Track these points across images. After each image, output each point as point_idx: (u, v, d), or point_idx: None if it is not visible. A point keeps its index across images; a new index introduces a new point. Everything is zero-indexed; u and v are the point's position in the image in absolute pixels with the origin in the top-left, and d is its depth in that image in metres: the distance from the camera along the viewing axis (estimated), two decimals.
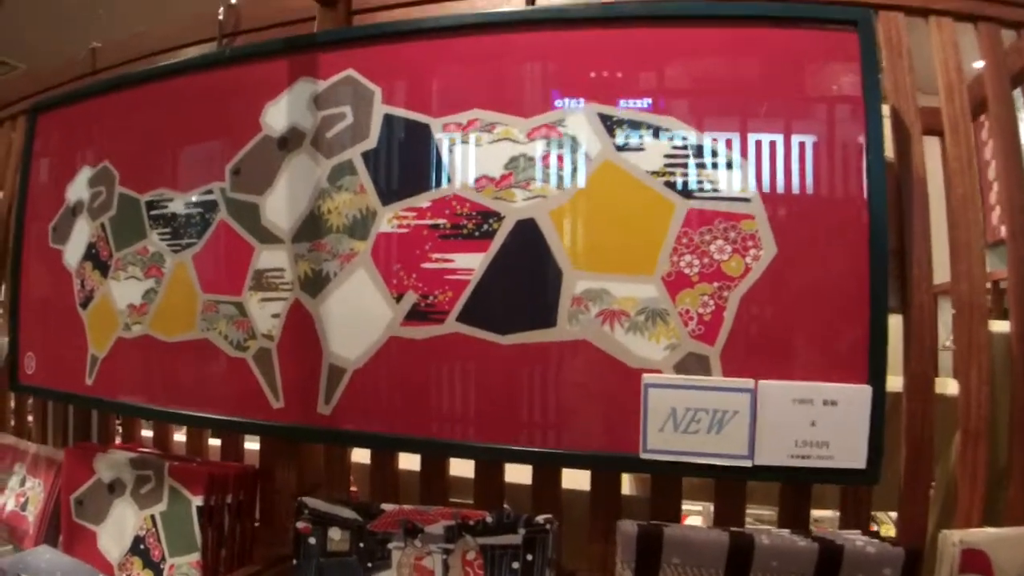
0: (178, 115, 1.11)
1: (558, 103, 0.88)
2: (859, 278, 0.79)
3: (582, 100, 0.87)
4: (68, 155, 1.26)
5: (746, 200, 0.82)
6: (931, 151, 0.90)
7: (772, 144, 0.83)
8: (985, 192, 1.35)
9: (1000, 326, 0.89)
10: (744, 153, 0.83)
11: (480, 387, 0.88)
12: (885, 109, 0.85)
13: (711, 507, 1.14)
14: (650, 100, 0.86)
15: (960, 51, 0.92)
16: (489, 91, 0.90)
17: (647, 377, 0.82)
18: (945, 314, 0.99)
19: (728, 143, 0.83)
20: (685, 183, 0.84)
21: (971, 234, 0.88)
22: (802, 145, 0.82)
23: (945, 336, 1.01)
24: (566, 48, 0.89)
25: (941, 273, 0.89)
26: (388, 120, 0.94)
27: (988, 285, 0.91)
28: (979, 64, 0.94)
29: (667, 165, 0.84)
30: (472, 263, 0.88)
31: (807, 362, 0.80)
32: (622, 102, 0.86)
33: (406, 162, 0.93)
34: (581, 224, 0.86)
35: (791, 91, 0.83)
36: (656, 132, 0.85)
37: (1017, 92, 0.97)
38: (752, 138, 0.83)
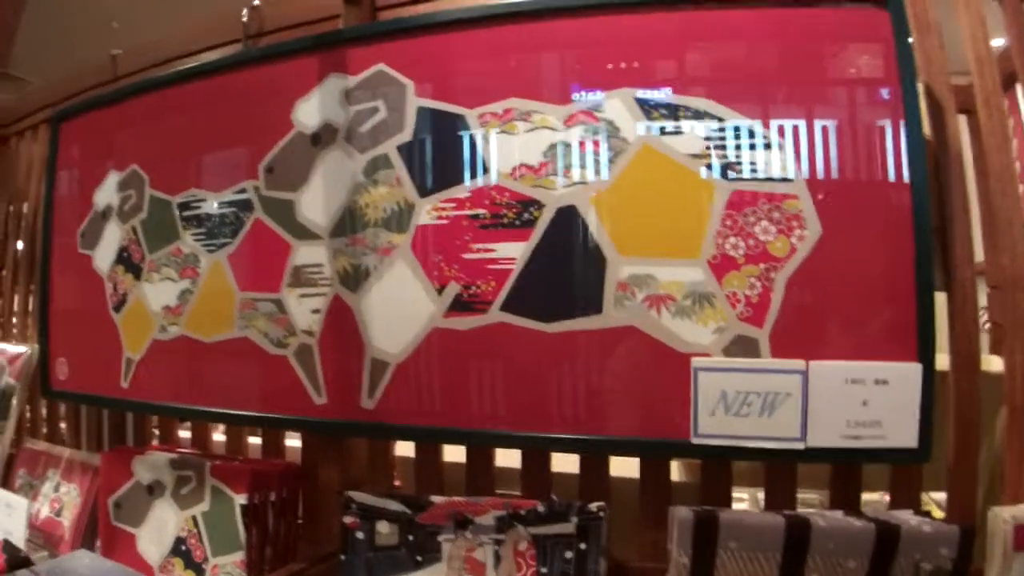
0: (207, 116, 1.11)
1: (594, 89, 0.87)
2: (904, 255, 0.78)
3: (620, 85, 0.86)
4: (93, 161, 1.26)
5: (788, 180, 0.81)
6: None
7: (811, 124, 0.82)
8: None
9: None
10: (783, 133, 0.82)
11: (526, 376, 0.87)
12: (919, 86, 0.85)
13: (757, 493, 1.13)
14: (687, 83, 0.85)
15: (987, 27, 0.90)
16: (524, 80, 0.90)
17: (697, 361, 0.82)
18: (979, 295, 0.99)
19: (767, 123, 0.82)
20: (726, 165, 0.83)
21: (1011, 207, 0.86)
22: (842, 124, 0.82)
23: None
24: (600, 34, 0.88)
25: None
26: (422, 112, 0.94)
27: None
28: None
29: (707, 147, 0.83)
30: (514, 252, 0.88)
31: (855, 342, 0.80)
32: (659, 85, 0.85)
33: (442, 153, 0.92)
34: (623, 209, 0.85)
35: (826, 72, 0.83)
36: (695, 115, 0.84)
37: None
38: (790, 118, 0.82)
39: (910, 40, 0.82)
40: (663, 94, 0.85)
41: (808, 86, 0.83)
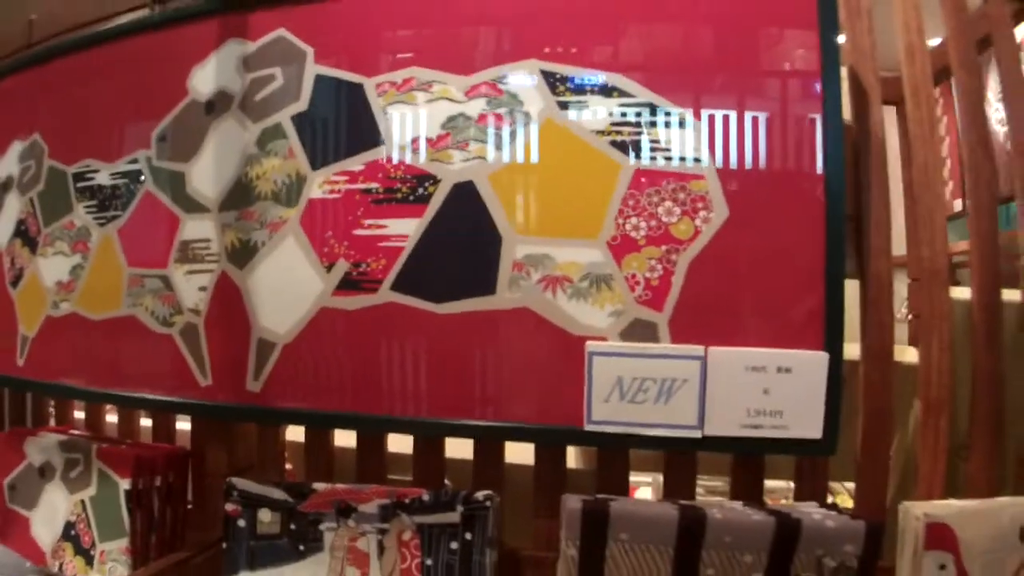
0: (107, 83, 1.05)
1: (500, 59, 0.83)
2: (815, 242, 0.76)
3: (525, 55, 0.82)
4: (1, 131, 1.20)
5: (696, 160, 0.78)
6: (891, 122, 0.87)
7: (724, 103, 0.79)
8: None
9: (960, 293, 0.87)
10: (695, 112, 0.79)
11: (417, 359, 0.84)
12: (844, 71, 0.81)
13: (661, 478, 1.11)
14: (596, 57, 0.81)
15: (922, 13, 0.87)
16: (428, 47, 0.85)
17: (591, 345, 0.78)
18: (900, 286, 0.97)
19: (678, 101, 0.79)
20: (632, 143, 0.79)
21: (933, 200, 0.84)
22: (756, 105, 0.78)
23: (898, 307, 0.99)
24: (509, 2, 0.84)
25: (897, 245, 0.86)
26: (320, 81, 0.89)
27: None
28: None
29: (613, 124, 0.80)
30: (406, 229, 0.83)
31: (760, 329, 0.77)
32: (567, 59, 0.81)
33: (338, 124, 0.87)
34: (522, 186, 0.81)
35: (746, 49, 0.79)
36: (602, 90, 0.80)
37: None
38: (703, 97, 0.79)
39: (837, 24, 0.78)
40: (571, 67, 0.81)
41: (724, 65, 0.79)
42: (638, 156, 0.79)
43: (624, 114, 0.80)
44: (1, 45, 1.35)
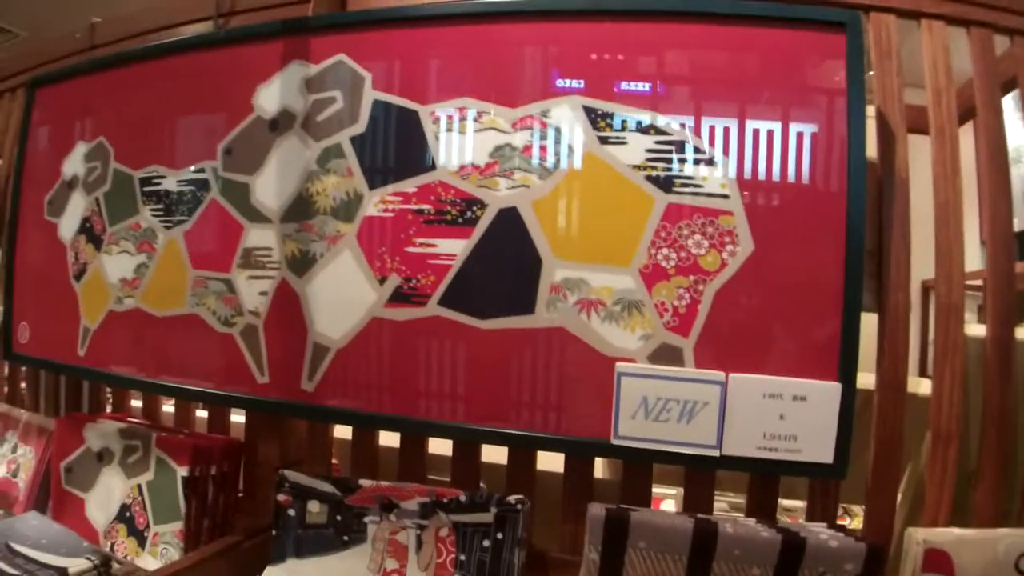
0: (173, 93, 1.12)
1: (545, 94, 0.89)
2: (834, 277, 0.81)
3: (569, 92, 0.88)
4: (65, 130, 1.27)
5: (725, 196, 0.84)
6: (924, 149, 0.90)
7: (754, 142, 0.84)
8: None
9: (976, 329, 0.90)
10: (726, 150, 0.84)
11: (459, 369, 0.90)
12: (870, 110, 0.86)
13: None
14: (635, 94, 0.87)
15: (950, 55, 0.91)
16: (478, 80, 0.92)
17: (620, 366, 0.84)
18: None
19: (710, 139, 0.84)
20: (666, 177, 0.85)
21: (952, 238, 0.88)
22: (784, 144, 0.83)
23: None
24: (556, 40, 0.90)
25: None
26: (377, 105, 0.95)
27: (980, 283, 0.91)
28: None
29: (649, 159, 0.85)
30: (455, 249, 0.90)
31: (778, 357, 0.82)
32: (607, 95, 0.87)
33: (393, 147, 0.94)
34: (562, 214, 0.87)
35: (776, 91, 0.84)
36: (639, 126, 0.86)
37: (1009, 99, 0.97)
38: (734, 136, 0.84)
39: (864, 66, 0.83)
40: (611, 104, 0.87)
41: (754, 106, 0.84)
42: (671, 191, 0.85)
43: (659, 150, 0.85)
44: (62, 46, 1.41)
